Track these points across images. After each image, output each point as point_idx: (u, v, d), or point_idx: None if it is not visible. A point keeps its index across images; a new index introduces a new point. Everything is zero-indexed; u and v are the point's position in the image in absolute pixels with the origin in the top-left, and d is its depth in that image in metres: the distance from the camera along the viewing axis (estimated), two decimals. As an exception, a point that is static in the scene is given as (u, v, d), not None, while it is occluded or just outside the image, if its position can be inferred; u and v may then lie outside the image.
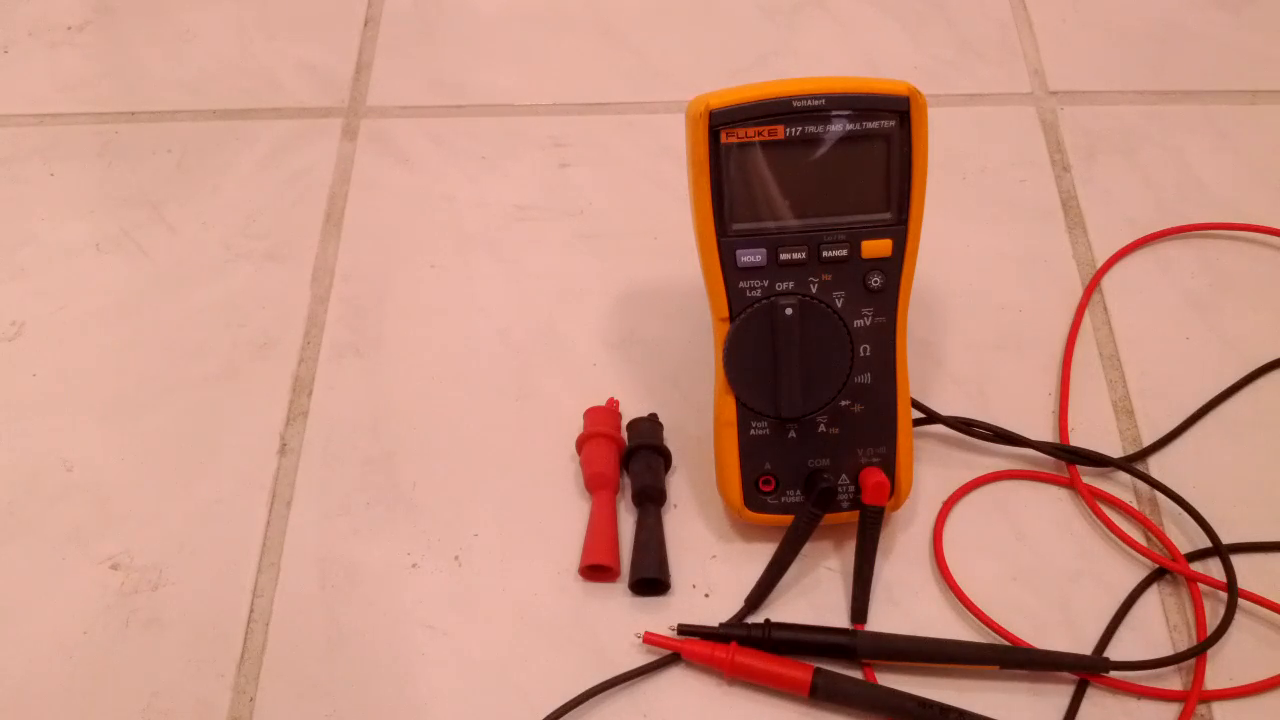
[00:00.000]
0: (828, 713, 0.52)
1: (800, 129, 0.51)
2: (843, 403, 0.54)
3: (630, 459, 0.58)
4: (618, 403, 0.60)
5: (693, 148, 0.51)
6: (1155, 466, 0.59)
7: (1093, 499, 0.57)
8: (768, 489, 0.55)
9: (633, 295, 0.65)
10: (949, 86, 0.74)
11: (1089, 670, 0.52)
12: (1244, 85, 0.74)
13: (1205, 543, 0.55)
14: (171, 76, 0.76)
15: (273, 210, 0.69)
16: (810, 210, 0.52)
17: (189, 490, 0.59)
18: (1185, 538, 0.57)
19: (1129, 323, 0.64)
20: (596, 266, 0.66)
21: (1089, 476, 0.58)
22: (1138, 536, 0.56)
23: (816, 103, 0.50)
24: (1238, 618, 0.54)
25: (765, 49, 0.76)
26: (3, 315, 0.65)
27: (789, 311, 0.52)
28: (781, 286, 0.52)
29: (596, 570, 0.55)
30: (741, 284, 0.52)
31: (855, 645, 0.52)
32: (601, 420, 0.58)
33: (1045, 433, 0.60)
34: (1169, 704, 0.52)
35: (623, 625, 0.54)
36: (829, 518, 0.54)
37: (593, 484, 0.57)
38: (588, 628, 0.54)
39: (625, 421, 0.60)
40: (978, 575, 0.55)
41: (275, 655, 0.54)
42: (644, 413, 0.60)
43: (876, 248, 0.52)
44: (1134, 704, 0.52)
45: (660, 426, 0.59)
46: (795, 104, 0.50)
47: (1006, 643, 0.53)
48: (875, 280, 0.52)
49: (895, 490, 0.55)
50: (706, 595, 0.55)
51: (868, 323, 0.53)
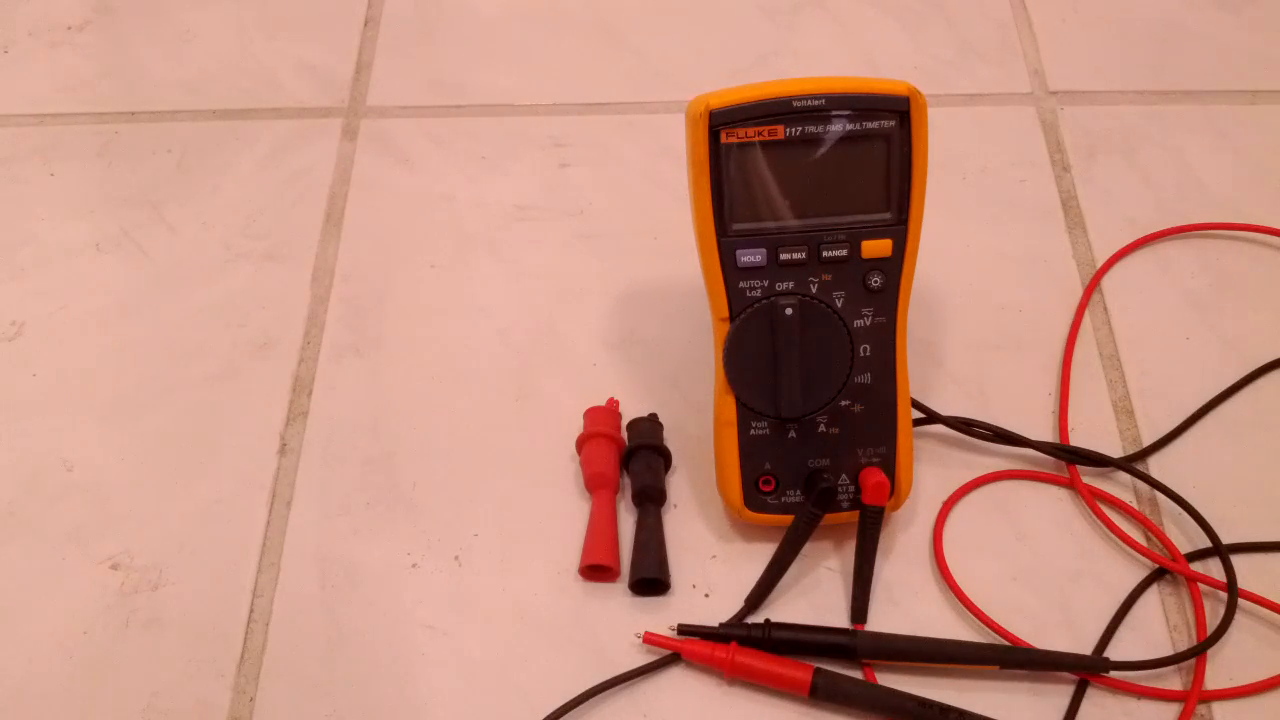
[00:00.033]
0: (828, 713, 0.52)
1: (800, 129, 0.50)
2: (843, 403, 0.54)
3: (630, 459, 0.58)
4: (618, 403, 0.60)
5: (693, 148, 0.51)
6: (1155, 466, 0.59)
7: (1093, 499, 0.57)
8: (768, 489, 0.55)
9: (633, 295, 0.65)
10: (949, 86, 0.74)
11: (1089, 670, 0.52)
12: (1244, 85, 0.74)
13: (1205, 543, 0.55)
14: (171, 76, 0.76)
15: (273, 210, 0.69)
16: (810, 210, 0.52)
17: (189, 490, 0.59)
18: (1185, 538, 0.57)
19: (1129, 323, 0.64)
20: (596, 266, 0.66)
21: (1089, 476, 0.58)
22: (1138, 536, 0.56)
23: (816, 103, 0.50)
24: (1238, 618, 0.54)
25: (765, 49, 0.76)
26: (3, 315, 0.65)
27: (789, 311, 0.52)
28: (781, 286, 0.52)
29: (596, 570, 0.55)
30: (741, 284, 0.52)
31: (855, 645, 0.52)
32: (601, 420, 0.58)
33: (1045, 433, 0.60)
34: (1169, 704, 0.52)
35: (623, 625, 0.54)
36: (829, 518, 0.54)
37: (593, 484, 0.57)
38: (588, 628, 0.54)
39: (625, 421, 0.60)
40: (978, 575, 0.55)
41: (275, 655, 0.54)
42: (644, 413, 0.60)
43: (876, 248, 0.52)
44: (1134, 704, 0.52)
45: (660, 426, 0.59)
46: (795, 104, 0.50)
47: (1006, 643, 0.53)
48: (875, 280, 0.52)
49: (895, 490, 0.55)
50: (706, 595, 0.55)
51: (868, 323, 0.53)
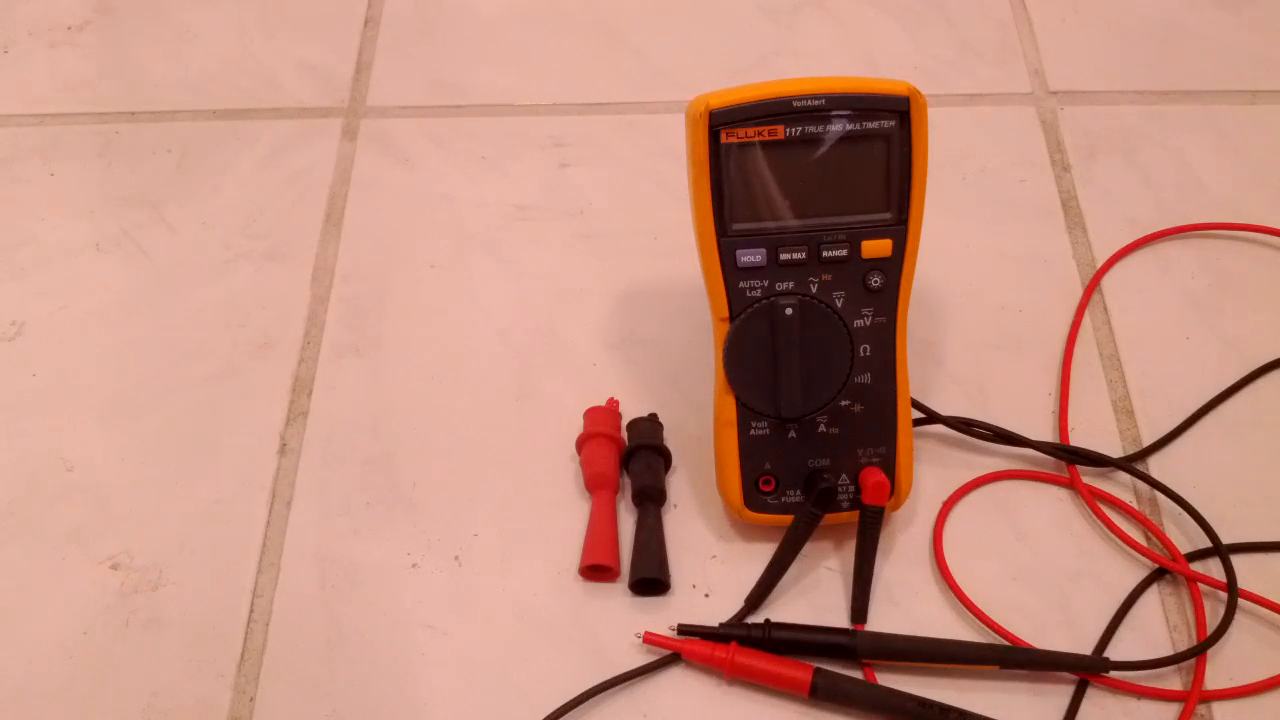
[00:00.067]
0: (828, 713, 0.52)
1: (800, 129, 0.50)
2: (843, 403, 0.54)
3: (630, 459, 0.58)
4: (618, 403, 0.60)
5: (693, 148, 0.51)
6: (1155, 466, 0.59)
7: (1093, 499, 0.57)
8: (768, 489, 0.55)
9: (633, 295, 0.65)
10: (949, 86, 0.74)
11: (1089, 670, 0.52)
12: (1244, 85, 0.74)
13: (1205, 543, 0.55)
14: (171, 76, 0.76)
15: (273, 210, 0.69)
16: (810, 210, 0.52)
17: (189, 490, 0.59)
18: (1185, 538, 0.57)
19: (1129, 323, 0.64)
20: (596, 266, 0.66)
21: (1089, 476, 0.58)
22: (1138, 536, 0.56)
23: (816, 103, 0.50)
24: (1238, 618, 0.54)
25: (765, 49, 0.76)
26: (3, 315, 0.65)
27: (789, 311, 0.52)
28: (781, 286, 0.52)
29: (596, 570, 0.55)
30: (741, 284, 0.52)
31: (855, 645, 0.52)
32: (601, 420, 0.58)
33: (1045, 433, 0.60)
34: (1169, 704, 0.52)
35: (623, 625, 0.54)
36: (829, 518, 0.54)
37: (593, 484, 0.57)
38: (588, 628, 0.54)
39: (625, 421, 0.60)
40: (978, 575, 0.55)
41: (275, 655, 0.54)
42: (644, 413, 0.60)
43: (876, 248, 0.52)
44: (1134, 704, 0.52)
45: (660, 426, 0.59)
46: (795, 104, 0.50)
47: (1006, 643, 0.53)
48: (875, 280, 0.52)
49: (895, 490, 0.55)
50: (706, 595, 0.55)
51: (868, 323, 0.53)
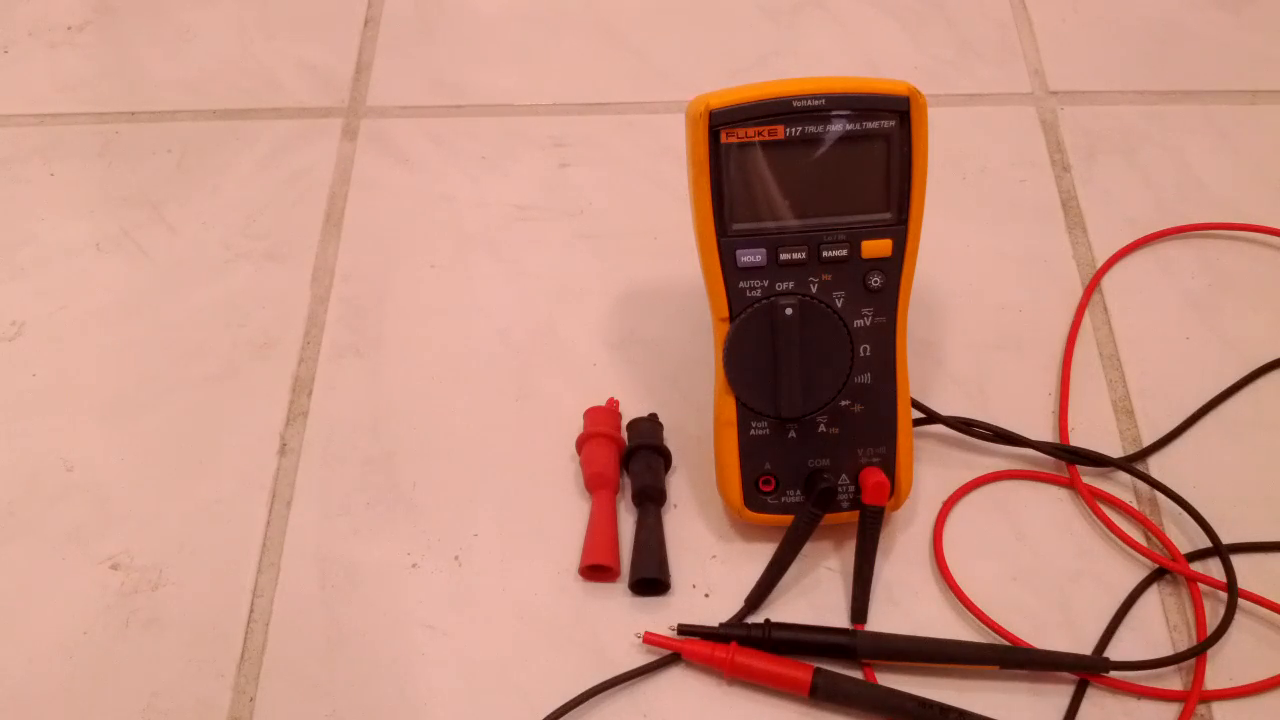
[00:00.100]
0: (828, 713, 0.52)
1: (800, 129, 0.50)
2: (843, 403, 0.54)
3: (630, 459, 0.58)
4: (618, 403, 0.60)
5: (693, 148, 0.51)
6: (1155, 466, 0.59)
7: (1093, 499, 0.57)
8: (768, 489, 0.55)
9: (633, 295, 0.65)
10: (949, 86, 0.74)
11: (1089, 670, 0.52)
12: (1244, 85, 0.74)
13: (1205, 543, 0.55)
14: (171, 76, 0.76)
15: (273, 210, 0.69)
16: (810, 210, 0.52)
17: (189, 490, 0.59)
18: (1185, 538, 0.57)
19: (1129, 323, 0.64)
20: (596, 266, 0.66)
21: (1089, 476, 0.58)
22: (1138, 536, 0.56)
23: (816, 103, 0.50)
24: (1238, 618, 0.54)
25: (765, 49, 0.76)
26: (3, 315, 0.65)
27: (789, 311, 0.52)
28: (781, 286, 0.52)
29: (596, 570, 0.55)
30: (741, 284, 0.52)
31: (855, 645, 0.52)
32: (601, 420, 0.58)
33: (1045, 433, 0.60)
34: (1169, 704, 0.52)
35: (623, 625, 0.54)
36: (829, 518, 0.54)
37: (593, 484, 0.57)
38: (588, 628, 0.54)
39: (625, 421, 0.60)
40: (978, 575, 0.55)
41: (275, 655, 0.54)
42: (644, 413, 0.60)
43: (876, 248, 0.52)
44: (1134, 704, 0.52)
45: (660, 426, 0.59)
46: (795, 104, 0.50)
47: (1006, 643, 0.53)
48: (875, 280, 0.52)
49: (895, 490, 0.55)
50: (706, 595, 0.55)
51: (868, 323, 0.53)
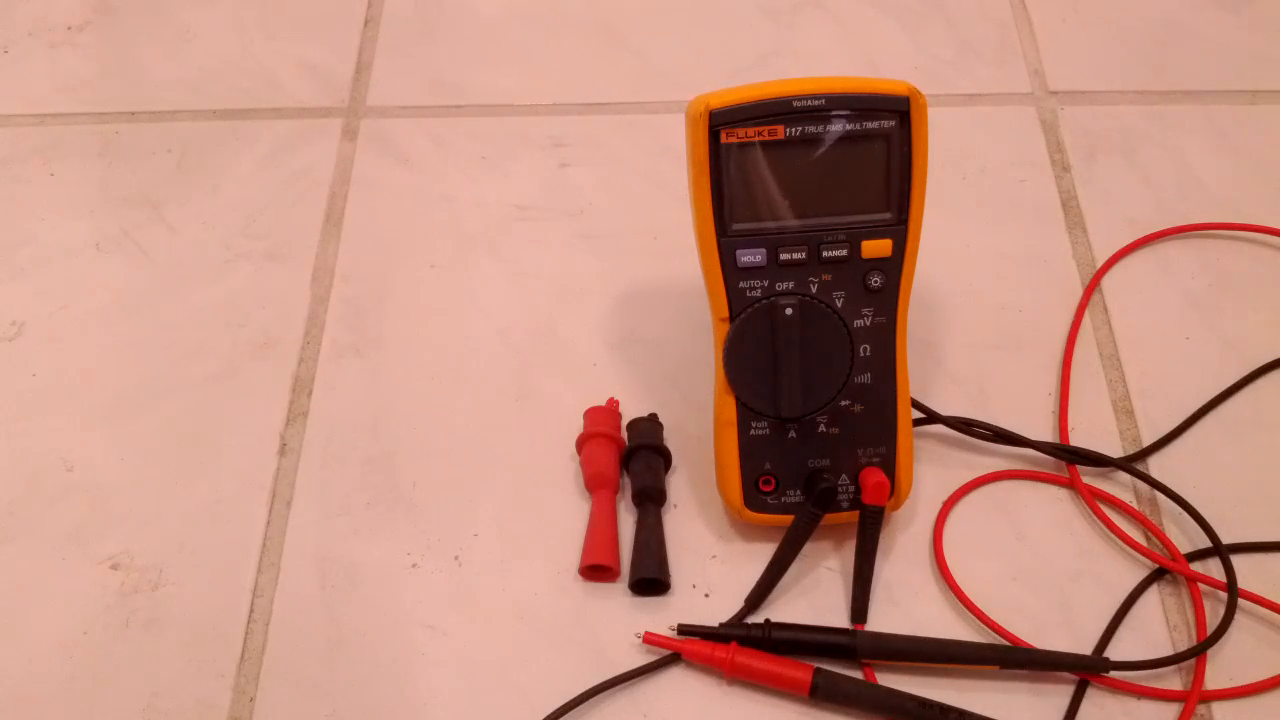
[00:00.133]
0: (828, 713, 0.52)
1: (800, 129, 0.50)
2: (843, 403, 0.54)
3: (630, 459, 0.58)
4: (618, 403, 0.60)
5: (693, 148, 0.51)
6: (1155, 466, 0.59)
7: (1093, 499, 0.57)
8: (768, 489, 0.55)
9: (633, 295, 0.65)
10: (949, 86, 0.74)
11: (1089, 670, 0.52)
12: (1244, 85, 0.74)
13: (1205, 543, 0.55)
14: (171, 76, 0.76)
15: (273, 210, 0.69)
16: (810, 210, 0.52)
17: (189, 490, 0.59)
18: (1185, 538, 0.57)
19: (1129, 323, 0.64)
20: (596, 266, 0.66)
21: (1089, 476, 0.58)
22: (1138, 536, 0.56)
23: (816, 103, 0.50)
24: (1238, 618, 0.54)
25: (765, 49, 0.76)
26: (3, 315, 0.65)
27: (789, 311, 0.52)
28: (781, 286, 0.52)
29: (596, 570, 0.55)
30: (741, 284, 0.52)
31: (855, 645, 0.52)
32: (601, 420, 0.58)
33: (1045, 433, 0.60)
34: (1169, 704, 0.52)
35: (623, 625, 0.54)
36: (829, 518, 0.54)
37: (593, 484, 0.57)
38: (588, 628, 0.54)
39: (625, 421, 0.60)
40: (978, 575, 0.55)
41: (275, 655, 0.54)
42: (644, 413, 0.60)
43: (876, 248, 0.52)
44: (1134, 704, 0.52)
45: (660, 426, 0.59)
46: (795, 104, 0.50)
47: (1006, 643, 0.53)
48: (875, 280, 0.52)
49: (895, 490, 0.55)
50: (706, 595, 0.55)
51: (868, 323, 0.53)
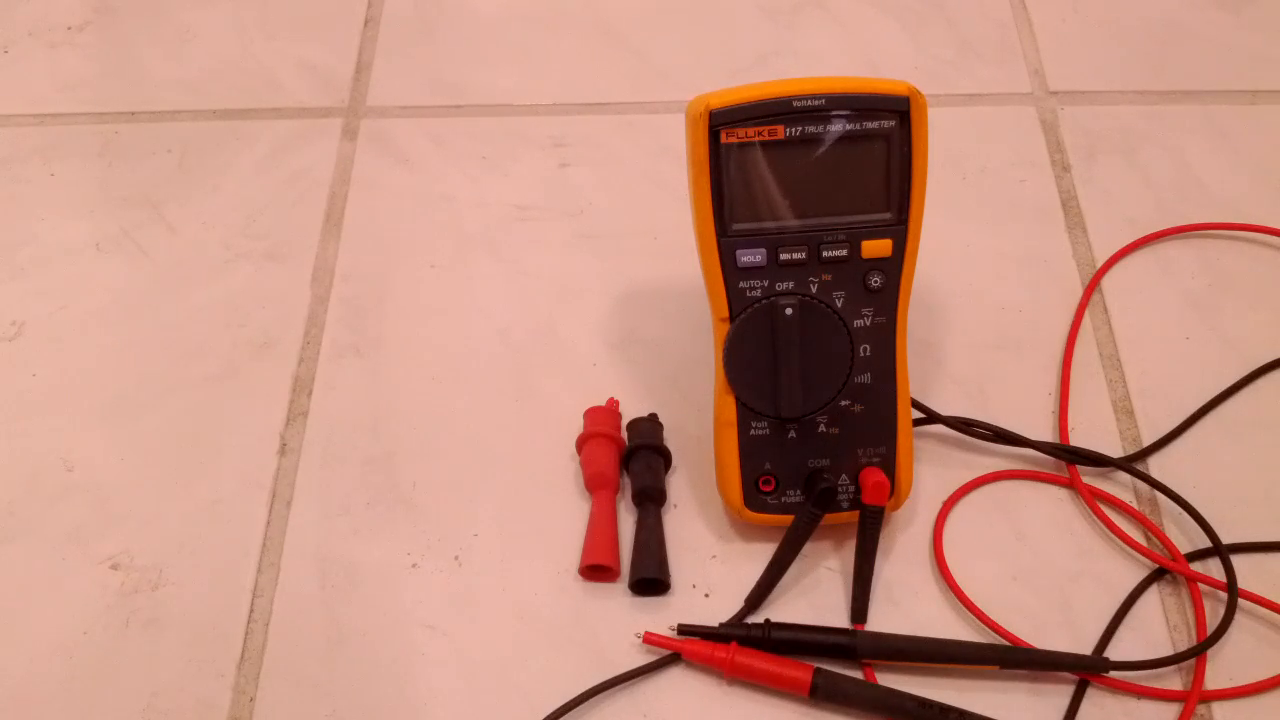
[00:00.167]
0: (828, 713, 0.52)
1: (800, 129, 0.50)
2: (843, 403, 0.54)
3: (630, 459, 0.58)
4: (618, 403, 0.60)
5: (693, 148, 0.51)
6: (1155, 466, 0.59)
7: (1093, 499, 0.57)
8: (768, 489, 0.55)
9: (633, 295, 0.65)
10: (949, 86, 0.74)
11: (1089, 670, 0.52)
12: (1244, 85, 0.74)
13: (1205, 543, 0.55)
14: (171, 76, 0.76)
15: (273, 210, 0.69)
16: (810, 210, 0.52)
17: (189, 490, 0.59)
18: (1185, 538, 0.57)
19: (1129, 323, 0.64)
20: (596, 266, 0.66)
21: (1089, 476, 0.58)
22: (1138, 536, 0.56)
23: (816, 103, 0.50)
24: (1238, 618, 0.54)
25: (765, 49, 0.76)
26: (3, 315, 0.65)
27: (789, 311, 0.52)
28: (781, 286, 0.52)
29: (596, 570, 0.55)
30: (741, 284, 0.52)
31: (855, 645, 0.52)
32: (601, 420, 0.58)
33: (1045, 433, 0.60)
34: (1169, 704, 0.52)
35: (623, 625, 0.54)
36: (829, 518, 0.54)
37: (593, 484, 0.57)
38: (588, 628, 0.54)
39: (625, 421, 0.60)
40: (978, 575, 0.55)
41: (275, 655, 0.54)
42: (644, 413, 0.60)
43: (876, 248, 0.52)
44: (1134, 704, 0.52)
45: (660, 426, 0.59)
46: (795, 104, 0.50)
47: (1006, 643, 0.53)
48: (875, 280, 0.52)
49: (895, 490, 0.55)
50: (706, 595, 0.55)
51: (868, 323, 0.53)
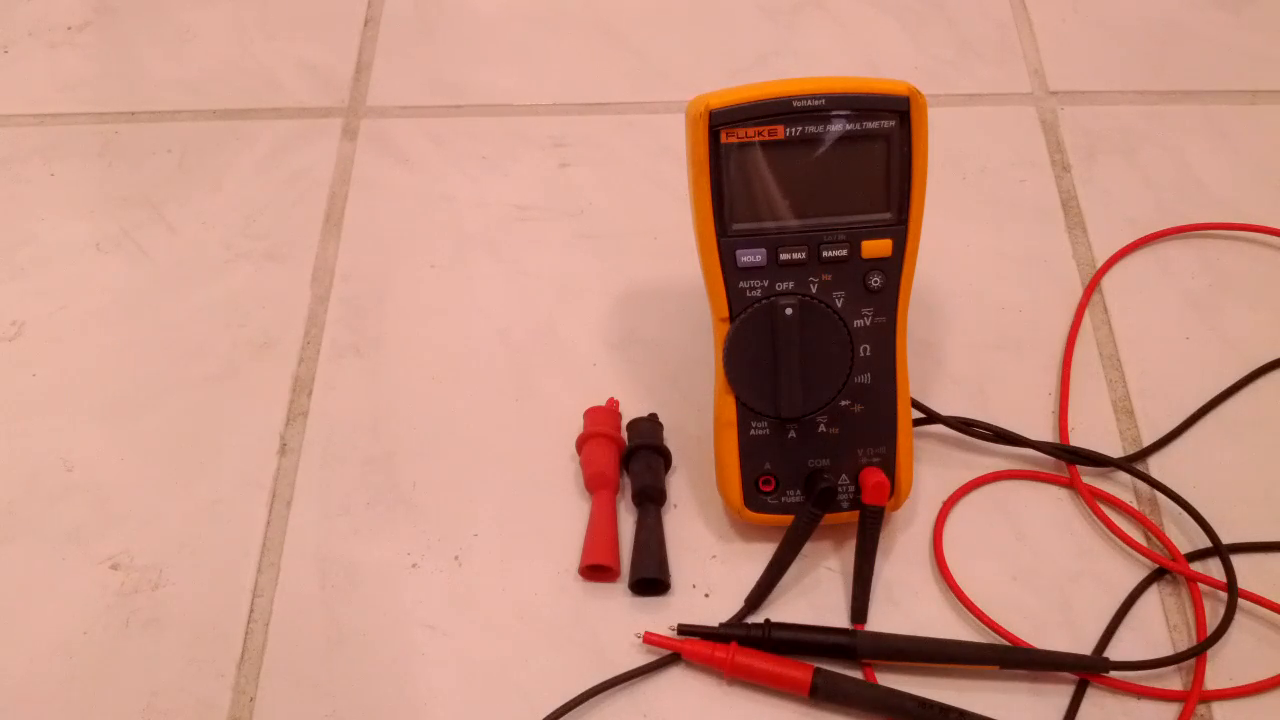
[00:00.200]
0: (828, 713, 0.52)
1: (800, 129, 0.50)
2: (843, 403, 0.54)
3: (630, 459, 0.58)
4: (618, 403, 0.60)
5: (693, 148, 0.51)
6: (1155, 466, 0.59)
7: (1093, 499, 0.57)
8: (768, 489, 0.55)
9: (633, 295, 0.65)
10: (949, 86, 0.74)
11: (1089, 670, 0.52)
12: (1244, 85, 0.74)
13: (1205, 543, 0.55)
14: (171, 76, 0.76)
15: (273, 210, 0.69)
16: (810, 210, 0.52)
17: (189, 490, 0.59)
18: (1185, 538, 0.57)
19: (1129, 323, 0.64)
20: (596, 266, 0.66)
21: (1089, 476, 0.58)
22: (1138, 536, 0.56)
23: (816, 103, 0.50)
24: (1238, 618, 0.54)
25: (765, 49, 0.76)
26: (3, 315, 0.65)
27: (789, 311, 0.52)
28: (781, 286, 0.52)
29: (596, 570, 0.55)
30: (741, 284, 0.52)
31: (855, 645, 0.52)
32: (601, 420, 0.58)
33: (1045, 433, 0.60)
34: (1169, 704, 0.52)
35: (623, 625, 0.54)
36: (829, 518, 0.54)
37: (593, 484, 0.57)
38: (588, 628, 0.54)
39: (625, 421, 0.60)
40: (978, 575, 0.55)
41: (275, 655, 0.54)
42: (644, 413, 0.60)
43: (876, 248, 0.52)
44: (1134, 704, 0.52)
45: (660, 426, 0.59)
46: (795, 104, 0.50)
47: (1006, 643, 0.53)
48: (875, 280, 0.52)
49: (895, 490, 0.55)
50: (706, 595, 0.55)
51: (868, 323, 0.53)
